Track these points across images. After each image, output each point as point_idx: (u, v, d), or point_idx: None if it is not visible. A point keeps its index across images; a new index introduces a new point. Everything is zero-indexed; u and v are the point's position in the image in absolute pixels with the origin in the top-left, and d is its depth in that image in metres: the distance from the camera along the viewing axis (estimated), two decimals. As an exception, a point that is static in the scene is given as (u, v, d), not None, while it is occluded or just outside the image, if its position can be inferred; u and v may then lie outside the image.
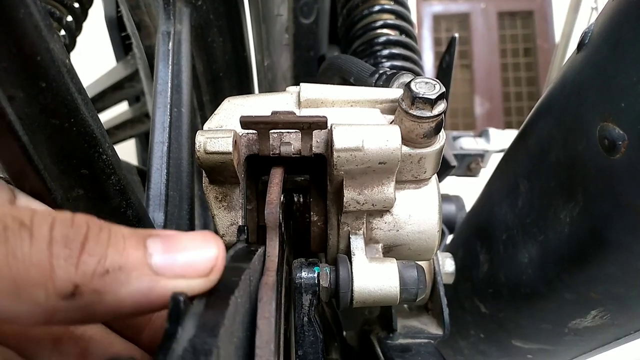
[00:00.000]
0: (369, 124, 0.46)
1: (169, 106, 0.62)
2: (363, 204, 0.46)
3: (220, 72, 0.78)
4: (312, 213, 0.50)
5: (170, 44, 0.63)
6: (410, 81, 0.44)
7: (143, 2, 0.68)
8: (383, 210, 0.47)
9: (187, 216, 0.64)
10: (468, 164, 1.03)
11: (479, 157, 1.02)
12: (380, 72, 0.55)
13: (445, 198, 1.04)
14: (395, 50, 0.74)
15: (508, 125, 4.29)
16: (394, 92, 0.49)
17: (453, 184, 1.04)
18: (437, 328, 0.63)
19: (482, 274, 0.70)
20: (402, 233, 0.49)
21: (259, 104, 0.49)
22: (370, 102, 0.49)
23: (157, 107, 0.62)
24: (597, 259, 0.50)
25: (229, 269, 0.29)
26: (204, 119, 0.82)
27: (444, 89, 0.44)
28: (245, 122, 0.43)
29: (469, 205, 1.03)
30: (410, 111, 0.43)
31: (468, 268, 0.74)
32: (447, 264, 0.65)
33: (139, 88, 1.12)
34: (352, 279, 0.44)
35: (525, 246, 0.61)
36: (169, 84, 0.63)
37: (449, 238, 0.93)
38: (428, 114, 0.43)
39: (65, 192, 0.40)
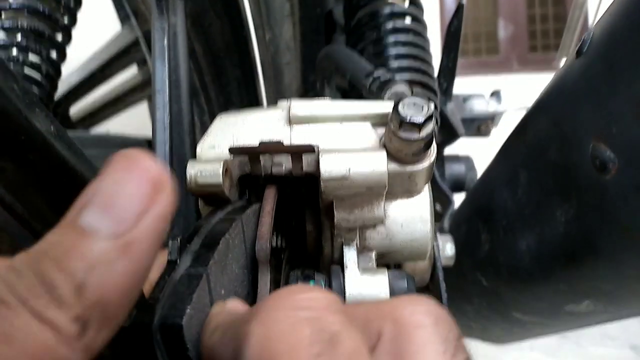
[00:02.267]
0: (357, 147, 0.46)
1: (168, 104, 0.63)
2: (354, 222, 0.47)
3: (221, 53, 0.77)
4: (307, 223, 0.52)
5: (166, 40, 0.63)
6: (398, 102, 0.44)
7: (137, -9, 0.67)
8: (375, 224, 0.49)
9: (194, 209, 0.66)
10: (478, 126, 1.01)
11: (489, 120, 1.01)
12: (375, 75, 0.54)
13: (454, 158, 1.04)
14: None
15: (533, 49, 4.13)
16: (384, 106, 0.48)
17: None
18: (436, 311, 0.66)
19: (483, 252, 0.72)
20: (395, 242, 0.51)
21: (251, 121, 0.49)
22: (360, 116, 0.48)
23: (157, 107, 0.62)
24: (588, 261, 0.51)
25: (224, 220, 0.37)
26: (208, 99, 0.82)
27: (432, 111, 0.43)
28: (235, 152, 0.43)
29: (478, 165, 1.03)
30: (398, 134, 0.43)
31: (470, 244, 0.75)
32: (447, 248, 0.67)
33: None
34: (344, 292, 0.47)
35: (523, 235, 0.62)
36: (167, 82, 0.63)
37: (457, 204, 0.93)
38: (416, 136, 0.43)
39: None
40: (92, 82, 1.12)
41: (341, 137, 0.48)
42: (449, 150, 1.03)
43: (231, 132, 0.49)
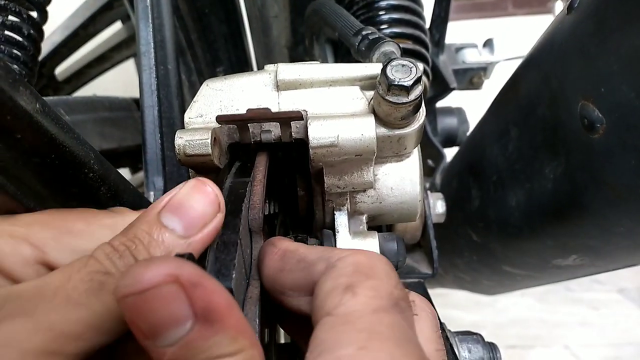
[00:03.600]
0: (346, 112, 0.46)
1: (154, 67, 0.62)
2: (344, 187, 0.47)
3: (206, 9, 0.75)
4: (298, 189, 0.52)
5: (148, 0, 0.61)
6: (386, 64, 0.43)
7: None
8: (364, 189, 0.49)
9: (187, 173, 0.66)
10: (470, 78, 1.00)
11: (481, 71, 0.99)
12: (364, 33, 0.53)
13: (447, 111, 1.03)
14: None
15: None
16: (373, 68, 0.48)
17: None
18: (427, 267, 0.67)
19: (473, 207, 0.73)
20: (385, 205, 0.51)
21: (238, 87, 0.48)
22: (349, 80, 0.48)
23: (143, 69, 0.61)
24: (575, 218, 0.52)
25: (238, 183, 0.41)
26: (195, 58, 0.80)
27: (420, 73, 0.43)
28: (222, 121, 0.43)
29: (470, 117, 1.03)
30: (387, 97, 0.43)
31: (461, 199, 0.76)
32: (438, 205, 0.68)
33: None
34: (336, 255, 0.47)
35: (513, 190, 0.62)
36: (152, 43, 0.61)
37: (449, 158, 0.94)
38: (404, 99, 0.43)
39: (60, 206, 0.42)
40: (75, 41, 1.09)
41: (330, 102, 0.47)
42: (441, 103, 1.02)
43: (218, 98, 0.48)
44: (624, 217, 0.46)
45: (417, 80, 0.43)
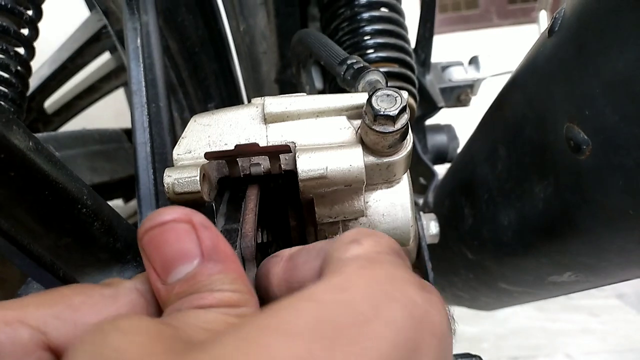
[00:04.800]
0: (334, 142, 0.46)
1: (146, 105, 0.62)
2: (335, 216, 0.47)
3: (196, 48, 0.75)
4: (290, 219, 0.52)
5: (139, 40, 0.61)
6: (371, 95, 0.44)
7: (106, -9, 0.65)
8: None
9: (180, 206, 0.66)
10: (458, 95, 1.01)
11: (468, 88, 1.00)
12: (349, 62, 0.53)
13: (436, 128, 1.04)
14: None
15: (512, 1, 4.09)
16: (359, 98, 0.48)
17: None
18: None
19: (467, 226, 0.73)
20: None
21: (226, 122, 0.48)
22: (335, 110, 0.48)
23: (135, 107, 0.62)
24: (567, 237, 0.52)
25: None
26: (186, 95, 0.81)
27: (405, 102, 0.43)
28: (210, 156, 0.43)
29: (460, 133, 1.03)
30: (373, 127, 0.43)
31: (454, 218, 0.76)
32: (432, 226, 0.68)
33: (117, 37, 1.09)
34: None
35: (505, 209, 0.63)
36: (143, 82, 0.62)
37: (441, 175, 0.94)
38: (391, 129, 0.43)
39: (54, 242, 0.42)
40: (64, 74, 1.09)
41: (317, 133, 0.48)
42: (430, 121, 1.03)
43: (207, 134, 0.48)
44: (615, 235, 0.47)
45: (403, 109, 0.43)
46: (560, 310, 2.18)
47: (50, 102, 1.13)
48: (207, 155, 0.43)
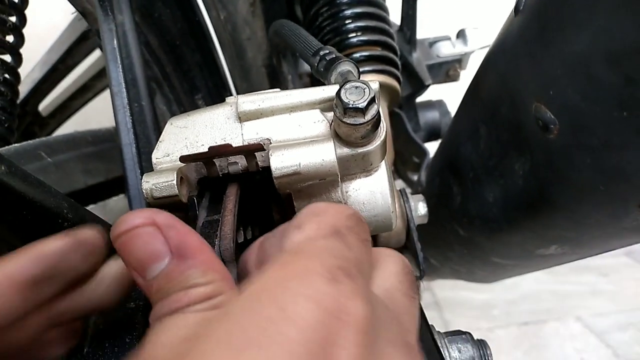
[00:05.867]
0: (308, 136, 0.47)
1: (128, 105, 0.63)
2: (314, 209, 0.48)
3: (177, 41, 0.75)
4: (273, 213, 0.53)
5: (115, 41, 0.62)
6: (340, 88, 0.44)
7: (79, -8, 0.65)
8: (336, 207, 0.50)
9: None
10: (446, 71, 1.01)
11: (456, 63, 1.00)
12: (322, 53, 0.54)
13: (428, 104, 1.04)
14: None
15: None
16: (330, 90, 0.49)
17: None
18: (414, 268, 0.68)
19: (456, 204, 0.74)
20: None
21: (202, 123, 0.49)
22: (308, 104, 0.49)
23: (117, 109, 0.62)
24: (547, 212, 0.53)
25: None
26: (172, 88, 0.81)
27: (374, 93, 0.44)
28: (185, 160, 0.44)
29: (452, 108, 1.03)
30: (344, 120, 0.44)
31: (444, 196, 0.77)
32: (420, 207, 0.69)
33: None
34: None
35: (489, 186, 0.63)
36: (123, 83, 0.62)
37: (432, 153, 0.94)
38: (361, 120, 0.44)
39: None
40: (56, 76, 1.10)
41: (292, 128, 0.48)
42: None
43: (183, 136, 0.49)
44: (591, 210, 0.47)
45: (372, 101, 0.44)
46: (569, 272, 2.18)
47: (45, 105, 1.14)
48: (182, 159, 0.44)
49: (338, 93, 0.44)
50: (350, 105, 0.43)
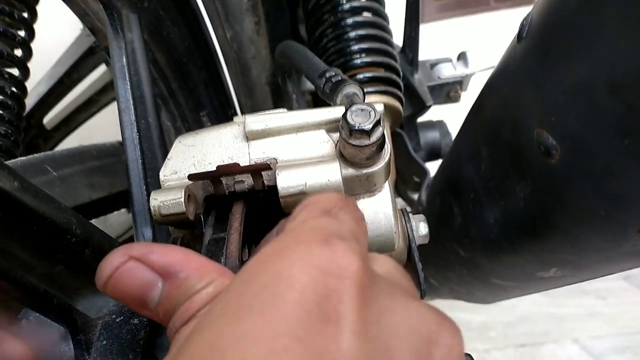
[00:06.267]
0: (314, 156, 0.48)
1: (135, 122, 0.64)
2: (318, 228, 0.49)
3: (183, 58, 0.77)
4: (276, 232, 0.54)
5: (124, 58, 0.63)
6: (346, 110, 0.45)
7: (90, 10, 0.66)
8: (339, 227, 0.51)
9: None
10: (447, 92, 1.02)
11: (457, 85, 1.01)
12: (328, 75, 0.55)
13: (428, 125, 1.05)
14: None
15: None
16: (336, 111, 0.49)
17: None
18: (416, 288, 0.69)
19: (457, 224, 0.74)
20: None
21: (209, 142, 0.50)
22: (314, 125, 0.50)
23: (125, 125, 0.63)
24: (547, 235, 0.54)
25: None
26: (178, 105, 0.83)
27: (379, 116, 0.45)
28: (194, 178, 0.45)
29: (452, 128, 1.04)
30: (350, 141, 0.45)
31: (445, 217, 0.77)
32: (421, 227, 0.69)
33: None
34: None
35: (490, 207, 0.64)
36: (131, 100, 0.63)
37: (432, 173, 0.95)
38: (366, 142, 0.45)
39: (47, 271, 0.44)
40: (61, 89, 1.11)
41: (298, 148, 0.49)
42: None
43: (191, 154, 0.50)
44: (591, 234, 0.48)
45: (377, 123, 0.45)
46: (567, 295, 2.19)
47: (49, 118, 1.15)
48: (191, 177, 0.45)
49: (344, 115, 0.45)
50: (356, 127, 0.44)
